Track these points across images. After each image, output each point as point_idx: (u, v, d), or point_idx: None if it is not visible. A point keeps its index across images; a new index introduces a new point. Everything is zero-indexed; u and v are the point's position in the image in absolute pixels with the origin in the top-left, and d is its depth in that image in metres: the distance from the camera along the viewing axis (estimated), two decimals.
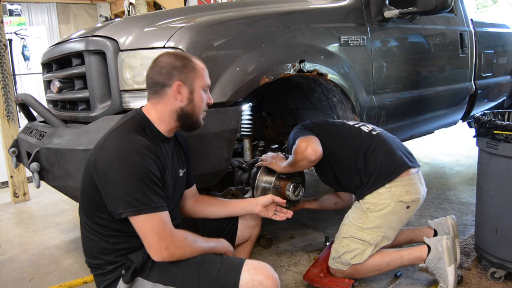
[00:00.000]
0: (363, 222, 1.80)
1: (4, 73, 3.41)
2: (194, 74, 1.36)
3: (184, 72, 1.34)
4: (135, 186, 1.21)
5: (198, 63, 1.40)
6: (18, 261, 2.43)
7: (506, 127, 1.75)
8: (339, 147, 1.87)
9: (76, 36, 2.05)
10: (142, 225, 1.24)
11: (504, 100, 3.91)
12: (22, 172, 3.62)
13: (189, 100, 1.36)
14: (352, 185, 1.86)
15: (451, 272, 1.76)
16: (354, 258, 1.80)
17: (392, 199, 1.77)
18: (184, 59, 1.37)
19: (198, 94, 1.38)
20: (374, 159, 1.80)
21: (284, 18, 2.08)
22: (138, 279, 1.32)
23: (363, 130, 1.90)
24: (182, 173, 1.51)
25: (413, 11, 2.35)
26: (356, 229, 1.81)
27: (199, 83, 1.38)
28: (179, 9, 2.47)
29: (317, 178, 3.87)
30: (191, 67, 1.36)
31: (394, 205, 1.77)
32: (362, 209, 1.82)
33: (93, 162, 1.27)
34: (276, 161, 2.00)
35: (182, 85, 1.34)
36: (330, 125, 1.99)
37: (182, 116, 1.37)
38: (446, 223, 1.99)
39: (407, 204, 1.79)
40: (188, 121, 1.39)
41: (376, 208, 1.78)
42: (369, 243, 1.79)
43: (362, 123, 1.97)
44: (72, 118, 2.00)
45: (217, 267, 1.28)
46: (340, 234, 1.87)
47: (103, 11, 8.09)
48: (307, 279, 1.93)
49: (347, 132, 1.92)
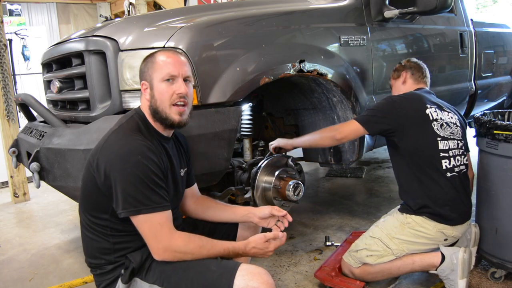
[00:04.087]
0: (397, 232, 1.80)
1: (4, 73, 3.41)
2: (152, 68, 1.35)
3: (145, 71, 1.38)
4: (136, 186, 1.22)
5: (160, 56, 1.36)
6: (18, 261, 2.43)
7: (506, 127, 1.75)
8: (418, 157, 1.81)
9: (76, 36, 2.05)
10: (141, 225, 1.26)
11: (504, 100, 3.91)
12: (22, 172, 3.61)
13: (151, 96, 1.36)
14: (409, 197, 1.86)
15: (462, 285, 1.71)
16: (370, 257, 1.79)
17: (435, 227, 1.77)
18: (147, 58, 1.39)
19: (157, 87, 1.34)
20: (440, 196, 1.77)
21: (284, 18, 2.08)
22: (135, 279, 1.32)
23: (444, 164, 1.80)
24: (183, 172, 1.52)
25: (413, 11, 2.35)
26: (387, 234, 1.81)
27: (157, 76, 1.34)
28: (179, 9, 2.47)
29: (317, 178, 3.90)
30: (150, 63, 1.37)
31: (435, 233, 1.78)
32: (402, 221, 1.82)
33: (94, 163, 1.27)
34: (283, 140, 2.10)
35: (144, 83, 1.38)
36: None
37: (152, 113, 1.37)
38: (470, 230, 1.93)
39: (446, 237, 1.80)
40: (159, 117, 1.36)
41: (416, 227, 1.78)
42: (392, 253, 1.78)
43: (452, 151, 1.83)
44: (72, 118, 2.00)
45: (212, 271, 1.26)
46: (369, 232, 1.87)
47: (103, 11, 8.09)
48: (318, 276, 1.93)
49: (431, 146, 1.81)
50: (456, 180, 1.80)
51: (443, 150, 1.80)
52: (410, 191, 1.85)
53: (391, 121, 1.82)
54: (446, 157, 1.80)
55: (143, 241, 1.30)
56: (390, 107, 1.86)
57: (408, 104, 1.85)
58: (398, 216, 1.86)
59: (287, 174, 2.10)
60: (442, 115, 1.86)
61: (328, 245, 2.31)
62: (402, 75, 2.07)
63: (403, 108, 1.83)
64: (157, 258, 1.27)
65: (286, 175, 2.09)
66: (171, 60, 1.35)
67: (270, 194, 2.05)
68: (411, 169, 1.83)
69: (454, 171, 1.81)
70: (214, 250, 1.32)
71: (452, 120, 1.88)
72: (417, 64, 2.07)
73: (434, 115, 1.84)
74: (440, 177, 1.78)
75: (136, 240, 1.33)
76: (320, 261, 2.19)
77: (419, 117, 1.82)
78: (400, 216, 1.85)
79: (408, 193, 1.87)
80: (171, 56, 1.36)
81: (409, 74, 2.05)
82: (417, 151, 1.80)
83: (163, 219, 1.26)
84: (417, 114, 1.82)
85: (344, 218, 2.78)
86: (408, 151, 1.82)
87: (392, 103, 1.87)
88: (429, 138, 1.80)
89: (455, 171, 1.81)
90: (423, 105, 1.85)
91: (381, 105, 1.91)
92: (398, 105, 1.85)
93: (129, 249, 1.35)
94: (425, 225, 1.78)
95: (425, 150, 1.79)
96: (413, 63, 2.07)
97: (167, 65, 1.34)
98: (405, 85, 2.05)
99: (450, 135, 1.84)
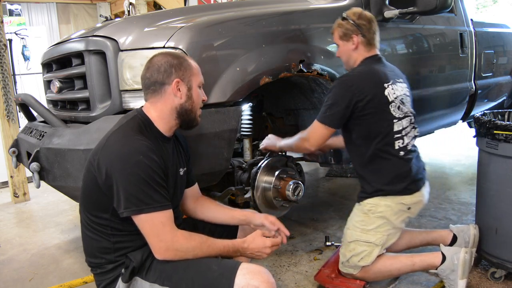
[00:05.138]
0: (366, 224, 1.79)
1: (4, 73, 3.41)
2: (191, 71, 1.40)
3: (181, 70, 1.38)
4: (138, 186, 1.22)
5: (193, 61, 1.45)
6: (18, 261, 2.43)
7: (506, 127, 1.75)
8: (370, 140, 1.77)
9: (76, 36, 2.05)
10: (143, 225, 1.26)
11: (504, 100, 3.91)
12: (22, 172, 3.61)
13: (187, 97, 1.39)
14: (364, 181, 1.83)
15: (462, 286, 1.71)
16: (362, 260, 1.79)
17: (393, 202, 1.77)
18: (180, 58, 1.41)
19: (196, 90, 1.42)
20: (395, 175, 1.76)
21: (284, 18, 2.08)
22: (136, 278, 1.32)
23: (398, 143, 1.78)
24: (182, 172, 1.52)
25: (413, 11, 2.35)
26: (360, 231, 1.80)
27: (196, 80, 1.42)
28: (179, 9, 2.47)
29: (317, 178, 3.90)
30: (187, 65, 1.40)
31: (395, 206, 1.77)
32: (363, 211, 1.81)
33: (95, 163, 1.27)
34: (271, 140, 2.04)
35: (180, 82, 1.37)
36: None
37: (181, 113, 1.40)
38: (469, 232, 1.93)
39: (408, 206, 1.79)
40: (187, 118, 1.42)
41: (377, 209, 1.78)
42: (375, 244, 1.78)
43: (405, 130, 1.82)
44: (72, 118, 2.00)
45: (212, 270, 1.27)
46: (346, 238, 1.86)
47: (103, 11, 8.10)
48: (318, 279, 1.93)
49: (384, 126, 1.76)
50: (409, 155, 1.80)
51: (397, 132, 1.77)
52: (366, 175, 1.82)
53: (351, 105, 1.71)
54: (399, 138, 1.78)
55: (143, 241, 1.30)
56: (348, 92, 1.71)
57: (367, 86, 1.73)
58: (357, 207, 1.85)
59: (287, 174, 2.10)
60: (397, 91, 1.79)
61: (328, 245, 2.31)
62: (352, 39, 1.82)
63: (362, 91, 1.71)
64: (158, 257, 1.28)
65: (286, 175, 2.09)
66: (200, 69, 1.46)
67: (270, 194, 2.05)
68: (365, 153, 1.78)
69: (407, 149, 1.80)
70: (214, 247, 1.33)
71: (404, 91, 1.84)
72: (369, 22, 1.82)
73: (392, 95, 1.76)
74: (393, 157, 1.76)
75: (137, 240, 1.33)
76: (320, 261, 2.19)
77: (378, 101, 1.73)
78: (359, 207, 1.84)
79: (363, 177, 1.84)
80: (197, 65, 1.46)
81: (360, 39, 1.81)
82: (372, 135, 1.75)
83: (165, 218, 1.26)
84: (376, 98, 1.73)
85: (344, 218, 2.74)
86: (363, 135, 1.77)
87: (349, 87, 1.72)
88: (386, 123, 1.75)
89: (408, 148, 1.80)
90: (381, 85, 1.75)
91: (337, 93, 1.74)
92: (356, 88, 1.71)
93: (130, 249, 1.35)
94: (383, 204, 1.76)
95: (380, 134, 1.75)
96: (365, 21, 1.81)
97: (200, 73, 1.45)
98: (356, 51, 1.84)
99: (405, 114, 1.80)
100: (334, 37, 1.90)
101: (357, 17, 1.81)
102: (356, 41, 1.81)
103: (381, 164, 1.77)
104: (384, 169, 1.77)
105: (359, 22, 1.80)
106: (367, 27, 1.81)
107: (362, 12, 1.83)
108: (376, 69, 1.80)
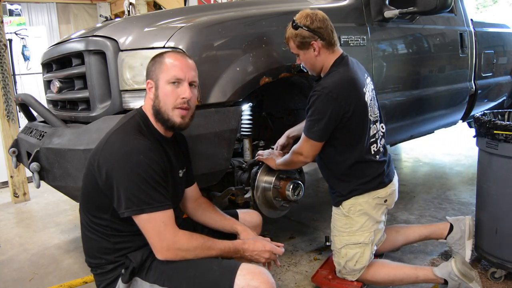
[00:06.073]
0: (351, 226, 1.80)
1: (4, 73, 3.42)
2: (160, 69, 1.35)
3: (152, 70, 1.37)
4: (138, 186, 1.22)
5: (169, 57, 1.36)
6: (18, 261, 2.43)
7: (506, 127, 1.75)
8: (345, 151, 1.76)
9: (76, 36, 2.05)
10: (144, 225, 1.26)
11: (504, 100, 3.91)
12: (22, 172, 3.61)
13: (155, 96, 1.36)
14: (340, 186, 1.82)
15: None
16: (357, 263, 1.79)
17: (370, 197, 1.78)
18: (156, 57, 1.38)
19: (163, 88, 1.34)
20: (371, 178, 1.77)
21: (284, 18, 2.07)
22: (136, 279, 1.32)
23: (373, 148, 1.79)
24: (181, 173, 1.52)
25: (413, 11, 2.35)
26: (347, 235, 1.80)
27: (164, 77, 1.33)
28: (179, 9, 2.47)
29: (317, 178, 3.89)
30: (158, 62, 1.36)
31: (372, 201, 1.79)
32: (344, 214, 1.82)
33: (95, 163, 1.27)
34: (272, 157, 2.01)
35: (150, 82, 1.37)
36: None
37: (155, 113, 1.37)
38: (464, 221, 2.00)
39: (385, 199, 1.81)
40: (161, 119, 1.36)
41: (356, 208, 1.79)
42: (365, 243, 1.78)
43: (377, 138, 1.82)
44: (72, 118, 2.00)
45: (213, 270, 1.27)
46: (335, 246, 1.86)
47: (103, 11, 8.10)
48: (315, 281, 1.93)
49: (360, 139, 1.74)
50: (383, 157, 1.83)
51: (372, 136, 1.78)
52: (342, 180, 1.81)
53: (338, 117, 1.66)
54: (374, 142, 1.79)
55: (143, 241, 1.30)
56: (334, 105, 1.64)
57: (350, 96, 1.66)
58: (336, 212, 1.86)
59: (287, 174, 2.10)
60: (368, 92, 1.75)
61: (328, 245, 2.31)
62: (313, 46, 1.69)
63: (347, 102, 1.65)
64: (160, 257, 1.27)
65: (286, 175, 2.09)
66: (179, 63, 1.35)
67: (270, 194, 2.05)
68: (344, 160, 1.75)
69: (380, 151, 1.83)
70: (215, 248, 1.33)
71: (372, 87, 1.83)
72: (323, 22, 1.68)
73: (368, 98, 1.73)
74: (372, 162, 1.78)
75: (137, 240, 1.33)
76: (320, 261, 2.19)
77: (360, 108, 1.69)
78: (338, 211, 1.84)
79: (339, 182, 1.81)
80: (180, 59, 1.36)
81: (321, 43, 1.68)
82: (353, 142, 1.73)
83: (166, 218, 1.26)
84: (359, 105, 1.69)
85: None
86: (346, 143, 1.73)
87: (334, 100, 1.63)
88: (365, 129, 1.73)
89: (381, 151, 1.83)
90: (362, 91, 1.70)
91: (322, 107, 1.66)
92: (341, 99, 1.64)
93: (130, 249, 1.35)
94: (361, 201, 1.78)
95: (361, 140, 1.74)
96: (320, 24, 1.67)
97: (174, 67, 1.33)
98: (319, 56, 1.72)
99: (375, 116, 1.80)
100: (291, 47, 1.76)
101: (310, 21, 1.66)
102: (317, 46, 1.69)
103: (362, 170, 1.77)
104: (364, 174, 1.77)
105: (314, 27, 1.66)
106: (324, 29, 1.67)
107: (312, 14, 1.68)
108: (351, 74, 1.71)
